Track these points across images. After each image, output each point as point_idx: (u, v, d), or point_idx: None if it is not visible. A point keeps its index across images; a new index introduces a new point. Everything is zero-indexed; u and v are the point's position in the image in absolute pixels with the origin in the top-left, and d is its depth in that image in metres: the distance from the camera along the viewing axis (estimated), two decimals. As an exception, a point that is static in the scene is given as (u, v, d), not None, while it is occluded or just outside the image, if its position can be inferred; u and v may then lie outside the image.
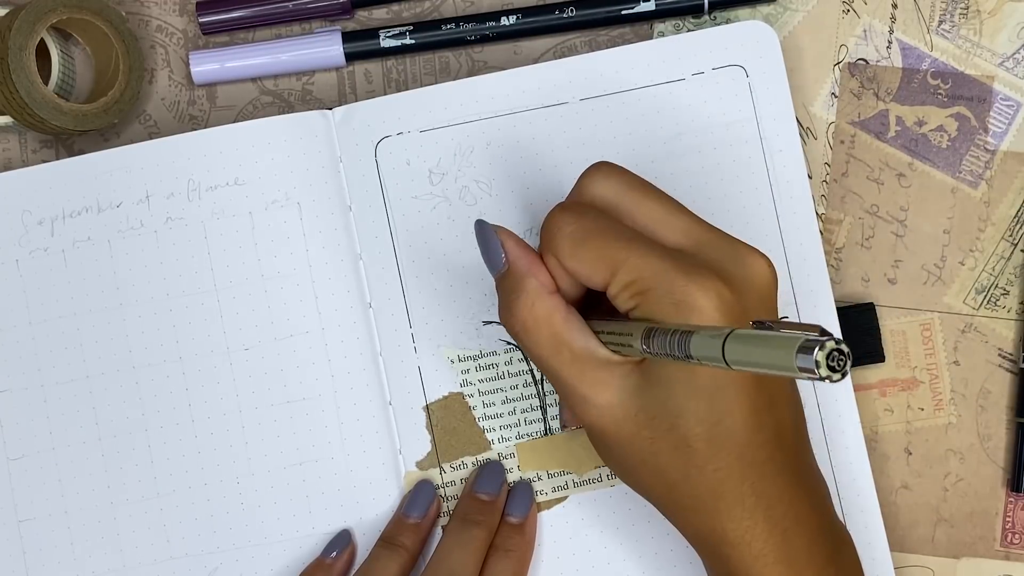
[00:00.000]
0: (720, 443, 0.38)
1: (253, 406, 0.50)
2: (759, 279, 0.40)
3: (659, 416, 0.39)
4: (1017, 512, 0.50)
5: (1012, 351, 0.51)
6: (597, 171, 0.42)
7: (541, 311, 0.41)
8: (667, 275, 0.38)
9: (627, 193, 0.41)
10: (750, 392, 0.38)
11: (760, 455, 0.39)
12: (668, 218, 0.41)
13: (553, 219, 0.41)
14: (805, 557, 0.39)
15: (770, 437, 0.39)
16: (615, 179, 0.42)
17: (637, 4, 0.52)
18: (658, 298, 0.38)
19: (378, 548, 0.48)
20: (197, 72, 0.52)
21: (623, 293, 0.39)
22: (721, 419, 0.38)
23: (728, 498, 0.39)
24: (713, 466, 0.38)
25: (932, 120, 0.52)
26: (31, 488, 0.50)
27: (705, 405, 0.38)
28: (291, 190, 0.50)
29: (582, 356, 0.40)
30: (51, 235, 0.50)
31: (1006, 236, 0.51)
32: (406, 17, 0.54)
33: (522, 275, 0.41)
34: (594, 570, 0.49)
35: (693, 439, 0.38)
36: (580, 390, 0.40)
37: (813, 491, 0.41)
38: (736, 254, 0.40)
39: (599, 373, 0.40)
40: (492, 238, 0.42)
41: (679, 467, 0.39)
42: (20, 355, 0.50)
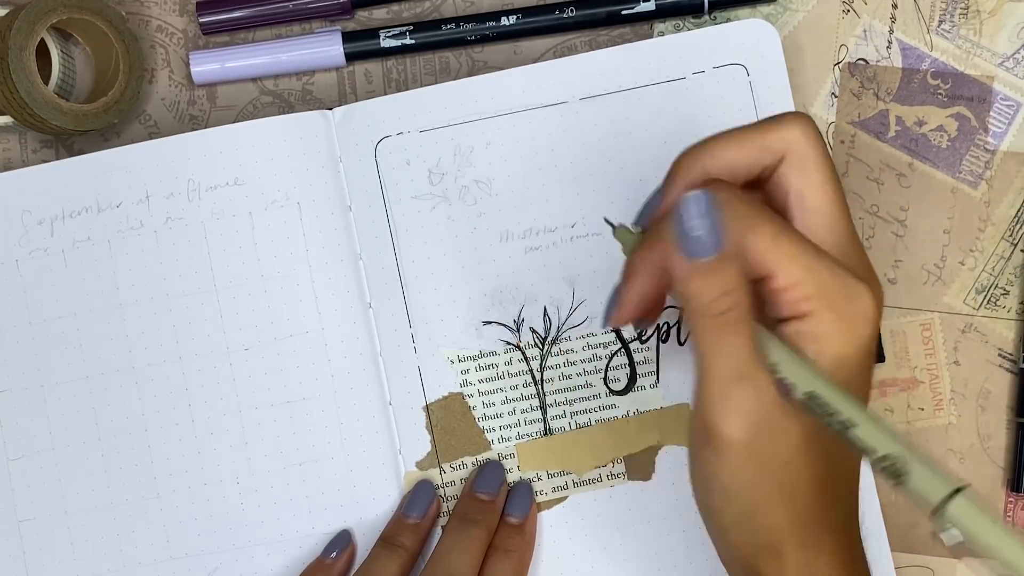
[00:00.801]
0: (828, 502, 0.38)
1: (253, 406, 0.50)
2: (882, 296, 0.38)
3: (830, 444, 0.37)
4: (1017, 512, 0.50)
5: (1012, 351, 0.51)
6: (804, 122, 0.38)
7: (749, 308, 0.37)
8: (846, 283, 0.36)
9: (821, 162, 0.38)
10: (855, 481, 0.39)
11: (825, 538, 0.39)
12: (843, 213, 0.39)
13: (723, 191, 0.37)
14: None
15: (838, 526, 0.39)
16: (818, 141, 0.38)
17: (637, 4, 0.52)
18: (834, 306, 0.36)
19: (378, 548, 0.48)
20: (197, 72, 0.52)
21: (791, 293, 0.36)
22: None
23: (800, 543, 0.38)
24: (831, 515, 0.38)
25: (932, 120, 0.51)
26: (31, 488, 0.50)
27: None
28: (291, 190, 0.50)
29: (768, 369, 0.37)
30: (51, 235, 0.50)
31: (1006, 236, 0.51)
32: (406, 17, 0.54)
33: (740, 268, 0.36)
34: (594, 570, 0.49)
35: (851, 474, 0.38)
36: (766, 405, 0.37)
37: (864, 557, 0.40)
38: (871, 271, 0.39)
39: (759, 378, 0.37)
40: (717, 213, 0.36)
41: (811, 495, 0.37)
42: (20, 355, 0.50)
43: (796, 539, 0.38)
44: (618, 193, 0.49)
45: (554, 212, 0.50)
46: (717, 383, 0.37)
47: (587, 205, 0.50)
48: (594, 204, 0.49)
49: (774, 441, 0.37)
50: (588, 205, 0.50)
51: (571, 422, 0.50)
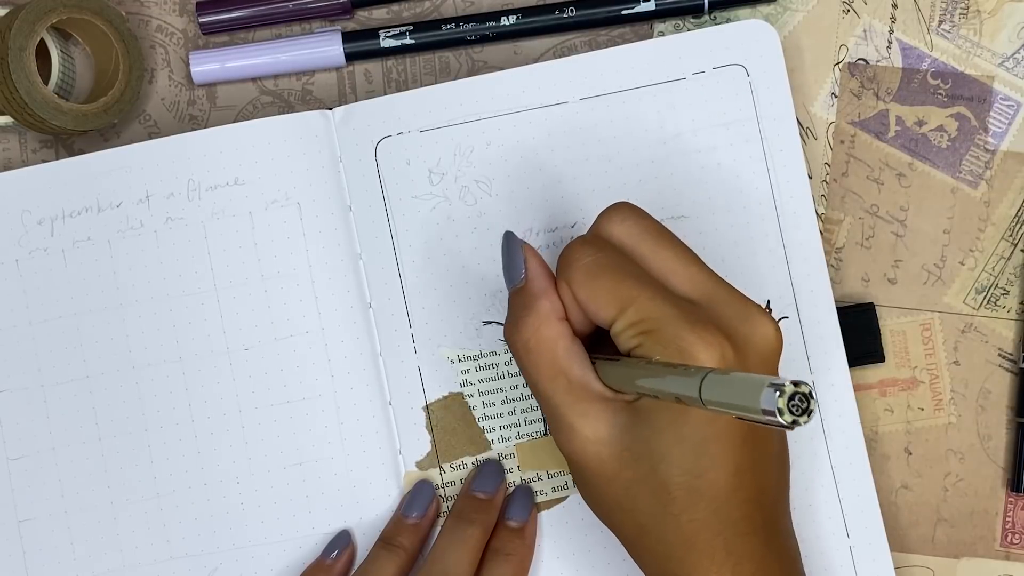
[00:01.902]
0: (699, 494, 0.39)
1: (253, 406, 0.50)
2: (764, 342, 0.40)
3: (643, 458, 0.39)
4: (1017, 512, 0.50)
5: (1012, 351, 0.51)
6: (616, 212, 0.42)
7: (546, 333, 0.41)
8: (673, 322, 0.38)
9: (644, 236, 0.42)
10: (736, 449, 0.39)
11: (736, 512, 0.39)
12: (682, 267, 0.41)
13: (571, 249, 0.42)
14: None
15: (750, 496, 0.39)
16: (632, 221, 0.42)
17: (637, 4, 0.52)
18: (662, 342, 0.38)
19: (377, 548, 0.48)
20: (197, 72, 0.52)
21: (628, 331, 0.39)
22: (703, 471, 0.38)
23: (699, 550, 0.39)
24: (688, 516, 0.39)
25: (932, 120, 0.52)
26: (31, 488, 0.50)
27: (690, 455, 0.38)
28: (291, 190, 0.50)
29: (578, 386, 0.41)
30: (51, 235, 0.50)
31: (1006, 236, 0.51)
32: (406, 17, 0.54)
33: (536, 294, 0.42)
34: (594, 570, 0.49)
35: (673, 486, 0.39)
36: (569, 418, 0.41)
37: (784, 554, 0.41)
38: (745, 314, 0.40)
39: (592, 405, 0.40)
40: (517, 252, 0.43)
41: (655, 512, 0.39)
42: (20, 355, 0.50)
43: (647, 552, 0.40)
44: (618, 193, 0.49)
45: (554, 212, 0.50)
46: (538, 401, 0.42)
47: (587, 205, 0.50)
48: (594, 204, 0.49)
49: (594, 456, 0.40)
50: (588, 205, 0.50)
51: (571, 422, 0.49)
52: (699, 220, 0.49)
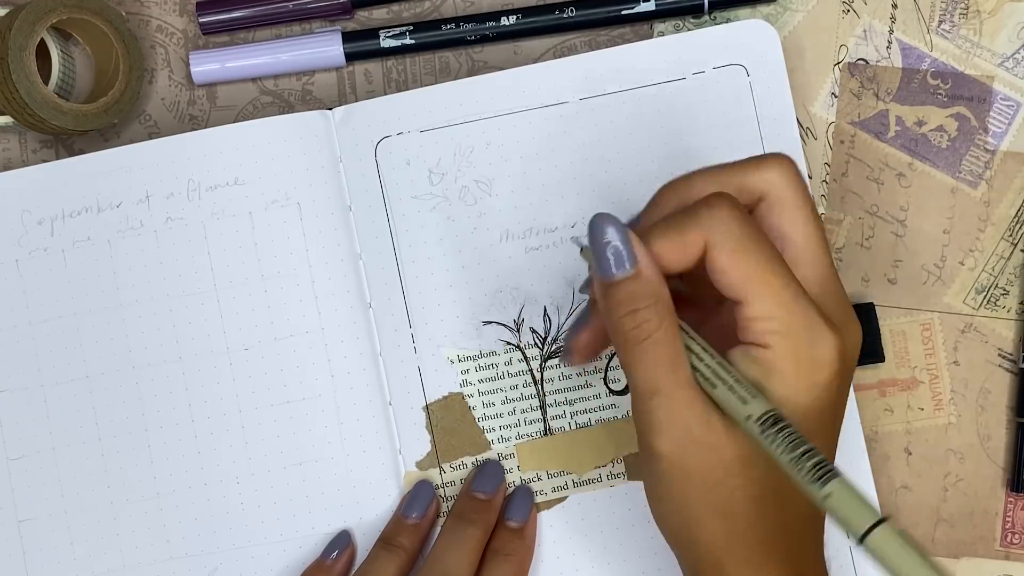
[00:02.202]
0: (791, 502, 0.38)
1: (253, 406, 0.50)
2: (854, 347, 0.39)
3: (751, 464, 0.37)
4: (1017, 512, 0.50)
5: (1012, 351, 0.51)
6: (781, 161, 0.39)
7: (669, 325, 0.38)
8: (809, 330, 0.37)
9: (801, 203, 0.39)
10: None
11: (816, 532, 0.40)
12: (820, 253, 0.39)
13: (725, 207, 0.37)
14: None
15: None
16: (798, 182, 0.39)
17: (637, 4, 0.52)
18: (794, 350, 0.36)
19: (377, 549, 0.48)
20: (197, 72, 0.52)
21: (759, 323, 0.37)
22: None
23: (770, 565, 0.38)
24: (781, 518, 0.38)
25: (932, 120, 0.52)
26: (31, 488, 0.50)
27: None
28: (291, 190, 0.50)
29: (692, 384, 0.38)
30: (51, 235, 0.50)
31: (1006, 236, 0.51)
32: (406, 17, 0.54)
33: (657, 283, 0.38)
34: (594, 570, 0.49)
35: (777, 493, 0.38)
36: (682, 416, 0.37)
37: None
38: (848, 314, 0.39)
39: (707, 405, 0.38)
40: (625, 237, 0.38)
41: (752, 519, 0.38)
42: (20, 355, 0.50)
43: (735, 558, 0.38)
44: (618, 193, 0.49)
45: (554, 212, 0.50)
46: (636, 398, 0.38)
47: (587, 205, 0.50)
48: (594, 204, 0.49)
49: (702, 458, 0.37)
50: (588, 205, 0.50)
51: (571, 422, 0.50)
52: (699, 220, 0.49)
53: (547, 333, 0.50)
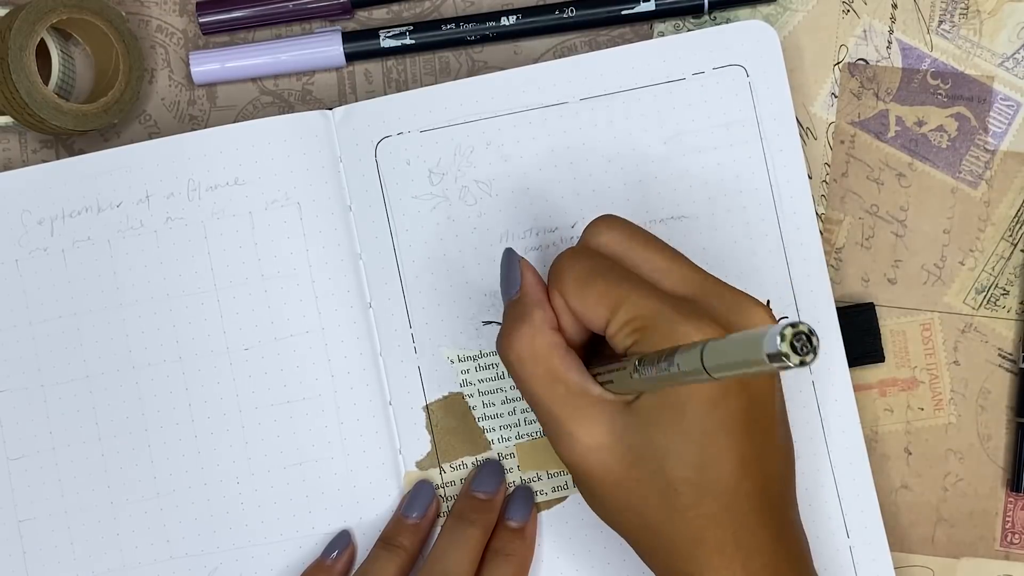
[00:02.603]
0: (705, 489, 0.39)
1: (253, 406, 0.50)
2: (759, 318, 0.40)
3: (646, 457, 0.39)
4: (1017, 512, 0.50)
5: (1012, 351, 0.51)
6: (601, 223, 0.43)
7: (541, 343, 0.41)
8: (666, 316, 0.39)
9: (630, 243, 0.42)
10: (740, 440, 0.39)
11: (744, 505, 0.39)
12: (670, 267, 0.41)
13: (561, 260, 0.42)
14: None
15: (756, 488, 0.39)
16: (618, 230, 0.42)
17: (637, 4, 0.52)
18: (657, 336, 0.39)
19: (377, 549, 0.48)
20: (197, 72, 0.52)
21: (623, 330, 0.40)
22: (708, 465, 0.38)
23: (708, 545, 0.39)
24: (696, 512, 0.39)
25: (932, 120, 0.52)
26: (31, 488, 0.50)
27: (694, 449, 0.38)
28: (291, 190, 0.50)
29: (576, 392, 0.41)
30: (51, 235, 0.50)
31: (1006, 236, 0.51)
32: (406, 17, 0.54)
33: (531, 305, 0.42)
34: (594, 570, 0.49)
35: (679, 482, 0.39)
36: (569, 426, 0.40)
37: (793, 546, 0.41)
38: (737, 304, 0.40)
39: (590, 411, 0.40)
40: (515, 266, 0.44)
41: (662, 510, 0.39)
42: (20, 355, 0.50)
43: (658, 552, 0.40)
44: (618, 193, 0.49)
45: (554, 212, 0.50)
46: (535, 411, 0.42)
47: (587, 205, 0.50)
48: (594, 204, 0.49)
49: (596, 462, 0.40)
50: (588, 205, 0.50)
51: (571, 422, 0.49)
52: (699, 220, 0.49)
53: (547, 333, 0.50)
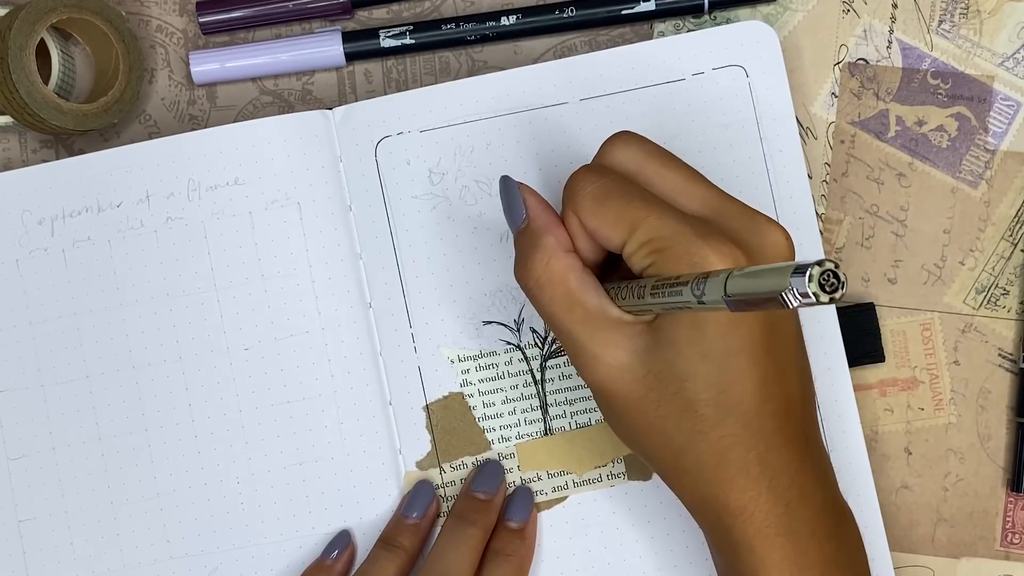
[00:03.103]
0: (727, 410, 0.38)
1: (253, 406, 0.50)
2: (775, 249, 0.40)
3: (667, 379, 0.39)
4: (1017, 512, 0.50)
5: (1012, 351, 0.51)
6: (619, 139, 0.42)
7: (557, 267, 0.41)
8: (684, 237, 0.38)
9: (648, 161, 0.41)
10: (760, 360, 0.38)
11: (767, 425, 0.39)
12: (688, 186, 0.41)
13: (576, 178, 0.41)
14: (808, 530, 0.39)
15: (778, 408, 0.39)
16: (636, 147, 0.42)
17: (637, 4, 0.52)
18: (675, 258, 0.38)
19: (377, 549, 0.48)
20: (197, 72, 0.52)
21: (640, 251, 0.39)
22: (729, 386, 0.38)
23: (733, 467, 0.39)
24: (719, 433, 0.39)
25: (932, 120, 0.52)
26: (31, 488, 0.50)
27: (715, 370, 0.38)
28: (291, 190, 0.50)
29: (595, 315, 0.40)
30: (51, 235, 0.50)
31: (1006, 236, 0.51)
32: (406, 17, 0.54)
33: (541, 231, 0.42)
34: (594, 570, 0.49)
35: (700, 404, 0.38)
36: (591, 348, 0.40)
37: (818, 465, 0.41)
38: (754, 224, 0.40)
39: (610, 333, 0.40)
40: (515, 193, 0.43)
41: (685, 432, 0.39)
42: (20, 355, 0.50)
43: (687, 477, 0.40)
44: (618, 193, 0.49)
45: (554, 212, 0.50)
46: (557, 336, 0.42)
47: (587, 205, 0.50)
48: (594, 204, 0.49)
49: (618, 381, 0.40)
50: (588, 205, 0.50)
51: (571, 422, 0.50)
52: (699, 220, 0.49)
53: (547, 333, 0.50)
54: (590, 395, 0.49)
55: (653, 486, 0.49)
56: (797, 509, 0.39)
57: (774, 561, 0.39)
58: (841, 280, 0.29)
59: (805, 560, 0.39)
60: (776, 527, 0.39)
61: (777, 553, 0.39)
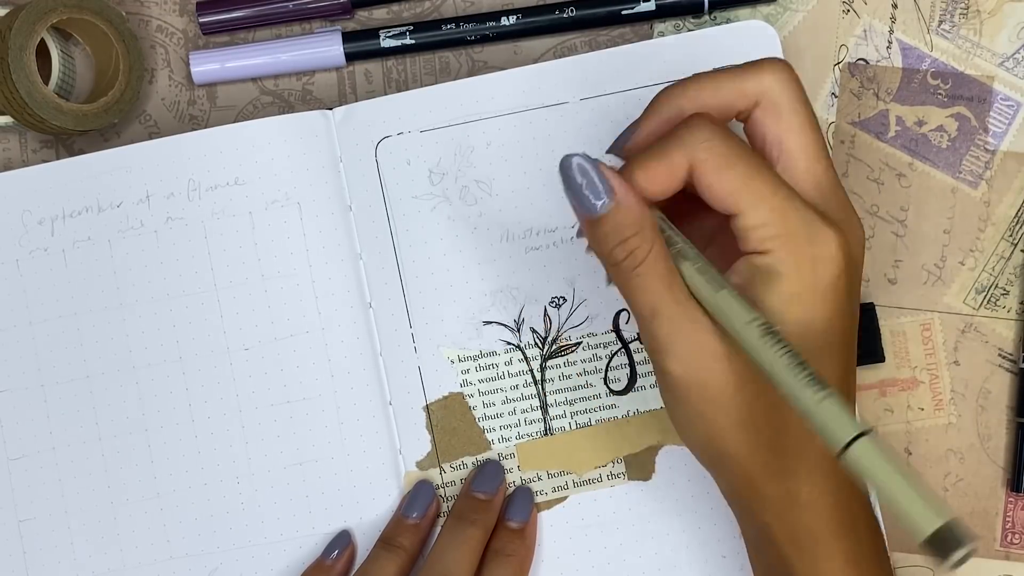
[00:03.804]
0: None
1: (253, 406, 0.50)
2: (859, 246, 0.40)
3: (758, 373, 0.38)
4: (1017, 512, 0.51)
5: (1012, 351, 0.51)
6: (780, 68, 0.40)
7: (658, 250, 0.38)
8: (807, 232, 0.37)
9: (797, 107, 0.40)
10: (846, 357, 0.39)
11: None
12: (816, 157, 0.40)
13: (705, 128, 0.38)
14: (863, 523, 0.40)
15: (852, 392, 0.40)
16: (794, 87, 0.40)
17: (637, 4, 0.52)
18: (794, 259, 0.37)
19: (377, 549, 0.48)
20: (197, 72, 0.52)
21: (757, 230, 0.38)
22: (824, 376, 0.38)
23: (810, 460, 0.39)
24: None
25: (932, 120, 0.52)
26: (31, 488, 0.50)
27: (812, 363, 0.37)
28: (291, 190, 0.50)
29: (691, 303, 0.38)
30: (51, 235, 0.50)
31: (1006, 236, 0.51)
32: (406, 17, 0.54)
33: (638, 213, 0.38)
34: (594, 570, 0.49)
35: None
36: (690, 335, 0.38)
37: None
38: (849, 219, 0.40)
39: (708, 321, 0.38)
40: (596, 172, 0.39)
41: (778, 427, 0.38)
42: (20, 355, 0.50)
43: (766, 470, 0.39)
44: (618, 193, 0.49)
45: (554, 212, 0.50)
46: (641, 324, 0.39)
47: (587, 205, 0.50)
48: (594, 204, 0.49)
49: (713, 371, 0.38)
50: (588, 205, 0.50)
51: (571, 422, 0.50)
52: (699, 220, 0.49)
53: (547, 333, 0.50)
54: (590, 395, 0.49)
55: (653, 486, 0.49)
56: (855, 504, 0.40)
57: (838, 553, 0.39)
58: (965, 548, 0.30)
59: (865, 553, 0.40)
60: (839, 520, 0.39)
61: (840, 545, 0.39)
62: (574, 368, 0.50)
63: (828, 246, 0.38)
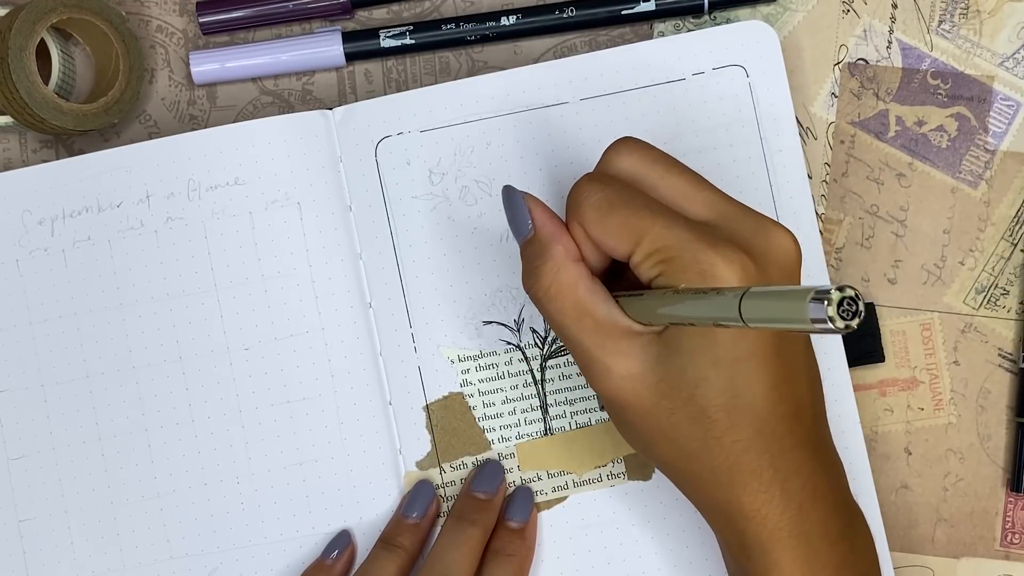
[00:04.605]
0: (739, 415, 0.38)
1: (253, 406, 0.50)
2: (783, 254, 0.40)
3: (679, 386, 0.39)
4: (1017, 512, 0.51)
5: (1012, 351, 0.51)
6: (622, 145, 0.42)
7: (566, 278, 0.41)
8: (691, 245, 0.38)
9: (651, 167, 0.41)
10: (770, 365, 0.39)
11: (779, 428, 0.39)
12: (693, 191, 0.41)
13: (580, 188, 0.41)
14: (820, 531, 0.39)
15: (789, 411, 0.39)
16: (639, 153, 0.42)
17: (637, 4, 0.52)
18: (682, 267, 0.38)
19: (377, 549, 0.48)
20: (197, 72, 0.52)
21: (647, 261, 0.39)
22: (741, 391, 0.38)
23: (745, 470, 0.39)
24: (731, 438, 0.39)
25: (932, 120, 0.52)
26: (31, 488, 0.50)
27: (725, 376, 0.38)
28: (291, 190, 0.50)
29: (605, 325, 0.40)
30: (51, 235, 0.50)
31: (1006, 236, 0.51)
32: (406, 17, 0.54)
33: (548, 241, 0.41)
34: (594, 570, 0.49)
35: (712, 410, 0.39)
36: (602, 358, 0.40)
37: (829, 466, 0.41)
38: (761, 228, 0.40)
39: (621, 343, 0.40)
40: (520, 204, 0.43)
41: (697, 438, 0.39)
42: (20, 355, 0.50)
43: (701, 481, 0.40)
44: (618, 193, 0.49)
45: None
46: (567, 346, 0.42)
47: (587, 205, 0.50)
48: (594, 204, 0.49)
49: (627, 391, 0.40)
50: (588, 205, 0.50)
51: (571, 422, 0.50)
52: (699, 220, 0.49)
53: (547, 333, 0.50)
54: (590, 395, 0.49)
55: (653, 486, 0.49)
56: (810, 511, 0.39)
57: (787, 563, 0.39)
58: (859, 308, 0.29)
59: (818, 561, 0.39)
60: (789, 529, 0.39)
61: (790, 555, 0.39)
62: (574, 368, 0.50)
63: (715, 265, 0.38)
